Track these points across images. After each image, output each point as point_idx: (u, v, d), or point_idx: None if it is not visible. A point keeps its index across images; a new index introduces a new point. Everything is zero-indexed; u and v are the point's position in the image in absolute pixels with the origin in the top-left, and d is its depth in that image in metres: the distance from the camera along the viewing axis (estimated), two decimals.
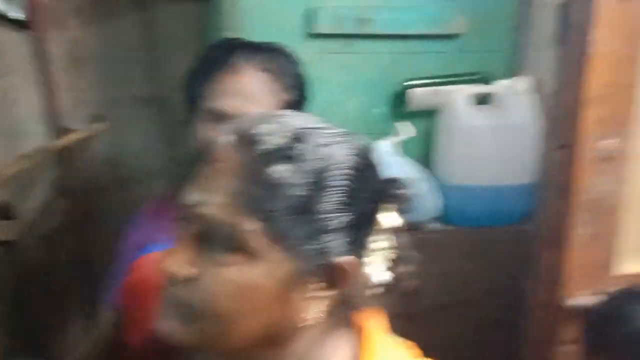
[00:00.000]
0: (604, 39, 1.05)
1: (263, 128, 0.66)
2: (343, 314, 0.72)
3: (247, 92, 1.13)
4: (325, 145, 0.66)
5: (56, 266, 1.87)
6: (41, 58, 1.75)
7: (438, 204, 1.68)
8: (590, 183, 1.12)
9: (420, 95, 1.70)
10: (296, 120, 0.68)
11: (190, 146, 1.15)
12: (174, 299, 0.66)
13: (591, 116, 1.08)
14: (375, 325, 0.75)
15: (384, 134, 1.67)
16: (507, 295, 1.61)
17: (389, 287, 0.76)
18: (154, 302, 1.05)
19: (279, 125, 0.66)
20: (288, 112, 0.72)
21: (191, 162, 1.13)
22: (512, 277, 1.57)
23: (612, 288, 1.19)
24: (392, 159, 1.61)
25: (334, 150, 0.67)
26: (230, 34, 1.62)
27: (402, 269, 0.77)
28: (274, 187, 0.63)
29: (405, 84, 1.72)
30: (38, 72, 1.75)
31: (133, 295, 1.14)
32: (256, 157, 0.64)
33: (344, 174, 0.66)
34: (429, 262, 1.74)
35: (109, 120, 1.87)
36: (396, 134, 1.65)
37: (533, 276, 1.25)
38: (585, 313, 1.17)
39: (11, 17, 1.76)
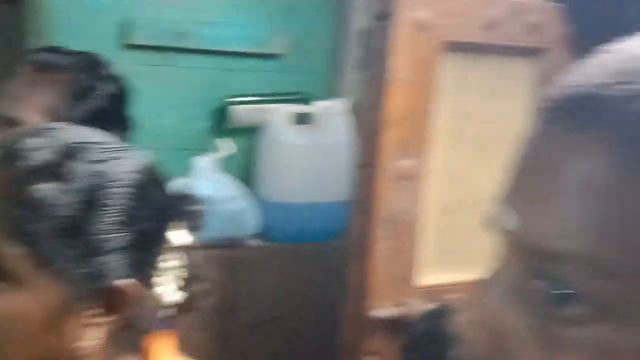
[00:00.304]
0: (401, 66, 1.12)
1: (29, 142, 0.61)
2: (128, 339, 0.69)
3: (22, 95, 1.06)
4: (100, 161, 0.63)
5: None
6: None
7: (259, 221, 1.69)
8: (389, 200, 1.18)
9: (242, 113, 1.71)
10: (69, 134, 0.64)
11: None
12: None
13: (390, 138, 1.15)
14: (164, 348, 0.73)
15: (205, 150, 1.66)
16: (325, 309, 1.66)
17: (182, 307, 0.74)
18: None
19: (47, 139, 0.62)
20: (62, 125, 0.67)
21: None
22: (330, 291, 1.62)
23: (414, 299, 1.27)
24: (211, 175, 1.60)
25: (110, 167, 0.63)
26: (39, 42, 1.53)
27: (195, 287, 0.76)
28: (37, 207, 0.59)
29: (227, 100, 1.72)
30: None
31: None
32: (19, 175, 0.59)
33: (121, 192, 0.63)
34: (250, 278, 1.75)
35: None
36: (217, 150, 1.64)
37: (343, 289, 1.30)
38: (407, 332, 1.23)
39: None
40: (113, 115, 1.14)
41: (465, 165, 1.23)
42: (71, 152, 0.62)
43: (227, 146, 1.65)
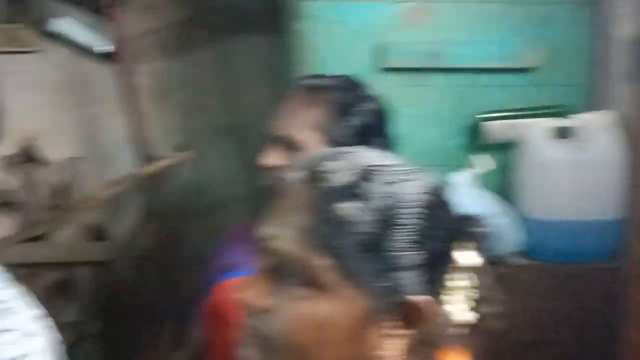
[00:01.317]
0: None
1: (330, 165, 0.68)
2: (425, 354, 0.71)
3: (296, 115, 1.17)
4: (393, 183, 0.68)
5: (145, 286, 1.95)
6: (128, 89, 1.85)
7: (519, 238, 1.65)
8: None
9: (496, 128, 1.70)
10: (364, 157, 0.70)
11: (261, 173, 1.20)
12: (253, 329, 0.69)
13: None
14: None
15: (459, 166, 1.67)
16: (592, 334, 1.56)
17: (473, 327, 0.75)
18: (231, 326, 1.09)
19: (346, 162, 0.68)
20: (357, 149, 0.73)
21: (265, 191, 1.18)
22: (598, 316, 1.52)
23: None
24: (470, 191, 1.61)
25: (402, 189, 0.68)
26: (302, 69, 1.67)
27: (486, 309, 0.77)
28: (341, 224, 0.65)
29: (480, 116, 1.72)
30: (125, 102, 1.86)
31: (213, 318, 1.18)
32: (324, 194, 0.66)
33: (414, 212, 0.67)
34: (514, 297, 1.71)
35: (192, 149, 1.95)
36: (472, 166, 1.65)
37: (622, 315, 1.20)
38: None
39: (97, 50, 1.88)
40: (375, 131, 1.21)
41: None
42: (367, 175, 0.67)
43: (484, 162, 1.65)
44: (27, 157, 1.88)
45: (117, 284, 1.96)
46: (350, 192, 0.66)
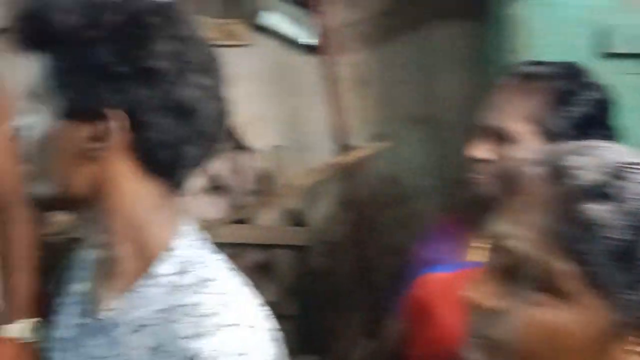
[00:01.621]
0: None
1: (576, 161, 0.62)
2: None
3: (509, 105, 1.10)
4: None
5: (339, 272, 2.00)
6: (330, 80, 1.89)
7: None
8: None
9: None
10: (613, 154, 0.63)
11: (463, 165, 1.15)
12: (480, 330, 0.66)
13: None
14: None
15: None
16: None
17: None
18: (435, 322, 1.06)
19: (594, 158, 0.62)
20: (603, 144, 0.67)
21: (467, 184, 1.13)
22: None
23: None
24: None
25: None
26: (512, 56, 1.59)
27: None
28: (589, 227, 0.59)
29: None
30: (326, 93, 1.90)
31: (416, 311, 1.17)
32: (569, 193, 0.61)
33: None
34: None
35: (388, 139, 1.96)
36: None
37: None
38: None
39: (302, 42, 1.95)
40: (597, 123, 1.11)
41: None
42: (620, 173, 0.61)
43: None
44: (236, 145, 2.00)
45: (313, 269, 2.03)
46: (600, 191, 0.60)
